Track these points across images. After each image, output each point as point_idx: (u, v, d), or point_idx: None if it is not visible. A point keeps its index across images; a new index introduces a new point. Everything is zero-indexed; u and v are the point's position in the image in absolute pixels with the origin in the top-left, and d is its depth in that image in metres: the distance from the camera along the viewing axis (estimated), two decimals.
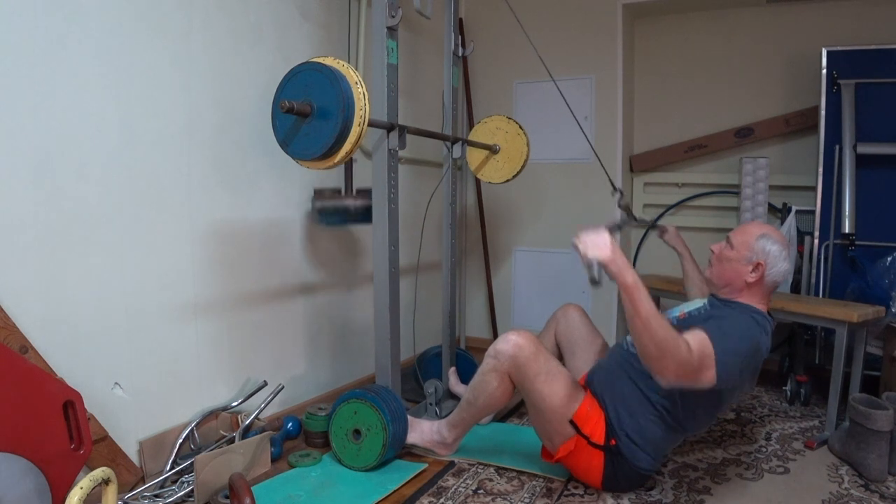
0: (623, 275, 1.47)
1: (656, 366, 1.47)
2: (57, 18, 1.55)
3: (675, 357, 1.44)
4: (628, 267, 1.48)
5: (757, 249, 1.71)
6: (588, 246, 1.49)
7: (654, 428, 1.71)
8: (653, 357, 1.46)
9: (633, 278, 1.46)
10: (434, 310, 3.06)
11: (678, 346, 1.45)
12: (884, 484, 1.84)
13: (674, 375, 1.47)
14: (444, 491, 1.79)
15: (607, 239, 1.49)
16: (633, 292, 1.46)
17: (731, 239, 1.79)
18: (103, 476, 1.22)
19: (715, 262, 1.82)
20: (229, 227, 2.09)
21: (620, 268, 1.47)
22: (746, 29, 3.10)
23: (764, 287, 1.74)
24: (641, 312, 1.45)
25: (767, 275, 1.71)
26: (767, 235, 1.73)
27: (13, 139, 1.48)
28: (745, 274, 1.72)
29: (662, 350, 1.44)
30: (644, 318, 1.44)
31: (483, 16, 3.40)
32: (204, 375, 2.01)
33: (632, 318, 1.47)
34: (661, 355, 1.45)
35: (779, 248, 1.72)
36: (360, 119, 1.61)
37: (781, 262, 1.72)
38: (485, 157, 2.56)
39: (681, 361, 1.45)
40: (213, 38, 1.98)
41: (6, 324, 1.46)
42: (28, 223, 1.52)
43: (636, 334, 1.47)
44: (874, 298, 2.34)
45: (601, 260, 1.47)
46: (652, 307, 1.46)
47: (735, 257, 1.75)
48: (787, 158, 3.05)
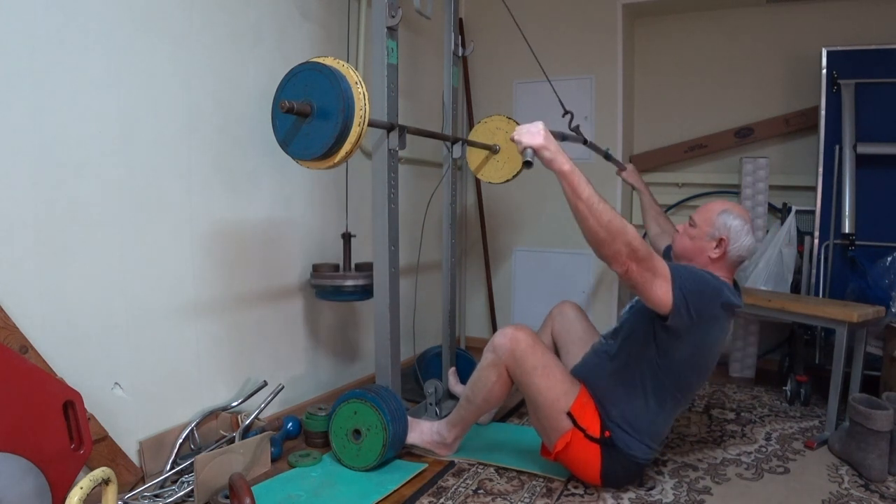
0: (557, 160, 1.52)
1: (608, 250, 1.52)
2: (57, 18, 1.55)
3: (625, 239, 1.49)
4: (562, 153, 1.53)
5: (718, 225, 1.75)
6: (523, 134, 1.55)
7: (640, 412, 1.72)
8: (604, 241, 1.51)
9: (569, 164, 1.51)
10: (434, 310, 3.06)
11: (626, 227, 1.50)
12: (884, 484, 1.84)
13: (626, 259, 1.51)
14: (444, 491, 1.79)
15: (540, 127, 1.55)
16: (570, 177, 1.50)
17: (693, 217, 1.83)
18: (103, 476, 1.22)
19: (677, 238, 1.87)
20: (229, 227, 2.09)
21: (553, 153, 1.53)
22: (746, 29, 3.11)
23: (727, 261, 1.77)
24: (583, 196, 1.49)
25: (730, 250, 1.75)
26: (728, 211, 1.77)
27: (13, 139, 1.48)
28: (709, 250, 1.76)
29: (611, 232, 1.49)
30: (587, 200, 1.48)
31: (483, 16, 3.40)
32: (204, 375, 2.01)
33: (575, 204, 1.51)
34: (612, 238, 1.49)
35: (740, 223, 1.75)
36: (360, 119, 1.61)
37: (744, 237, 1.75)
38: (485, 157, 2.56)
39: (631, 244, 1.50)
40: (213, 37, 1.98)
41: (6, 324, 1.46)
42: (28, 223, 1.52)
43: (582, 221, 1.52)
44: (874, 298, 2.34)
45: (534, 146, 1.53)
46: (592, 189, 1.50)
47: (697, 235, 1.79)
48: (787, 158, 3.06)
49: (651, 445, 1.76)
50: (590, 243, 1.55)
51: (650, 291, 1.56)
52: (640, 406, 1.73)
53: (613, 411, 1.74)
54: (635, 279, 1.55)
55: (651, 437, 1.76)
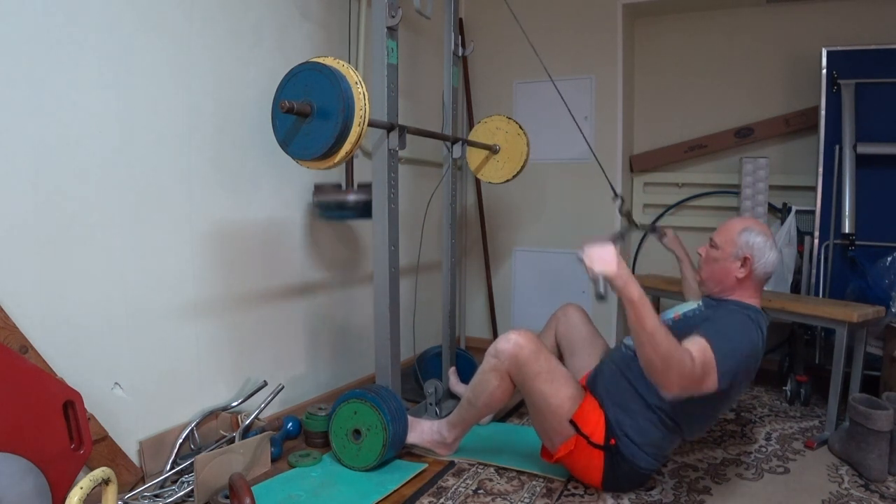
0: (629, 289, 1.44)
1: (661, 379, 1.46)
2: (57, 18, 1.55)
3: (680, 370, 1.44)
4: (633, 281, 1.46)
5: (741, 244, 1.71)
6: (594, 260, 1.47)
7: (653, 429, 1.71)
8: (658, 371, 1.45)
9: (639, 292, 1.45)
10: (434, 310, 3.06)
11: (682, 358, 1.44)
12: (884, 484, 1.84)
13: (678, 388, 1.46)
14: (444, 491, 1.79)
15: (613, 253, 1.47)
16: (639, 307, 1.44)
17: (714, 239, 1.79)
18: (103, 476, 1.21)
19: (703, 265, 1.82)
20: (229, 227, 2.09)
21: (626, 282, 1.45)
22: (746, 29, 3.10)
23: (755, 280, 1.74)
24: (647, 327, 1.43)
25: (756, 267, 1.71)
26: (750, 229, 1.73)
27: (13, 139, 1.48)
28: (735, 270, 1.72)
29: (667, 363, 1.43)
30: (649, 332, 1.43)
31: (483, 16, 3.40)
32: (204, 375, 2.01)
33: (637, 333, 1.45)
34: (666, 369, 1.44)
35: (763, 239, 1.71)
36: (360, 119, 1.61)
37: (769, 252, 1.71)
38: (485, 157, 2.56)
39: (685, 374, 1.44)
40: (213, 38, 1.98)
41: (6, 324, 1.46)
42: (28, 223, 1.52)
43: (641, 348, 1.46)
44: (874, 298, 2.34)
45: (607, 275, 1.45)
46: (657, 320, 1.44)
47: (721, 256, 1.75)
48: (787, 158, 3.06)
49: (657, 458, 1.76)
50: (644, 367, 1.50)
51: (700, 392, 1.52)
52: (657, 424, 1.71)
53: (627, 423, 1.72)
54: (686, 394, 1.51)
55: (659, 450, 1.75)
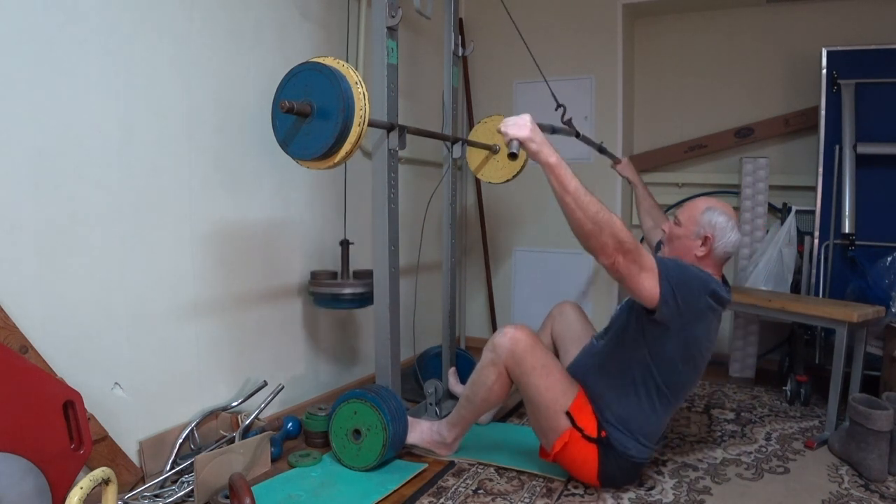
0: (544, 152, 1.52)
1: (595, 242, 1.52)
2: (57, 18, 1.55)
3: (611, 230, 1.49)
4: (549, 145, 1.53)
5: (703, 223, 1.76)
6: (509, 126, 1.55)
7: (634, 410, 1.73)
8: (590, 233, 1.51)
9: (556, 157, 1.51)
10: (434, 310, 3.06)
11: (613, 220, 1.50)
12: (884, 484, 1.84)
13: (612, 252, 1.51)
14: (444, 491, 1.79)
15: (528, 119, 1.55)
16: (557, 169, 1.50)
17: (678, 216, 1.84)
18: (103, 476, 1.22)
19: (666, 242, 1.87)
20: (230, 228, 2.09)
21: (540, 145, 1.53)
22: (746, 29, 3.10)
23: (714, 259, 1.78)
24: (570, 188, 1.49)
25: (716, 247, 1.76)
26: (713, 208, 1.78)
27: (13, 139, 1.48)
28: (695, 248, 1.77)
29: (598, 224, 1.49)
30: (573, 192, 1.49)
31: (483, 16, 3.40)
32: (204, 375, 2.01)
33: (562, 196, 1.51)
34: (599, 230, 1.49)
35: (725, 219, 1.76)
36: (360, 119, 1.61)
37: (729, 233, 1.76)
38: (485, 157, 2.56)
39: (618, 236, 1.50)
40: (213, 37, 1.98)
41: (6, 324, 1.46)
42: (28, 223, 1.52)
43: (569, 213, 1.51)
44: (874, 298, 2.34)
45: (520, 137, 1.53)
46: (578, 182, 1.50)
47: (683, 234, 1.80)
48: (787, 158, 3.06)
49: (647, 444, 1.76)
50: (577, 235, 1.56)
51: (637, 284, 1.57)
52: (633, 404, 1.73)
53: (607, 411, 1.74)
54: (622, 271, 1.55)
55: (646, 436, 1.75)
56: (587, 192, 1.51)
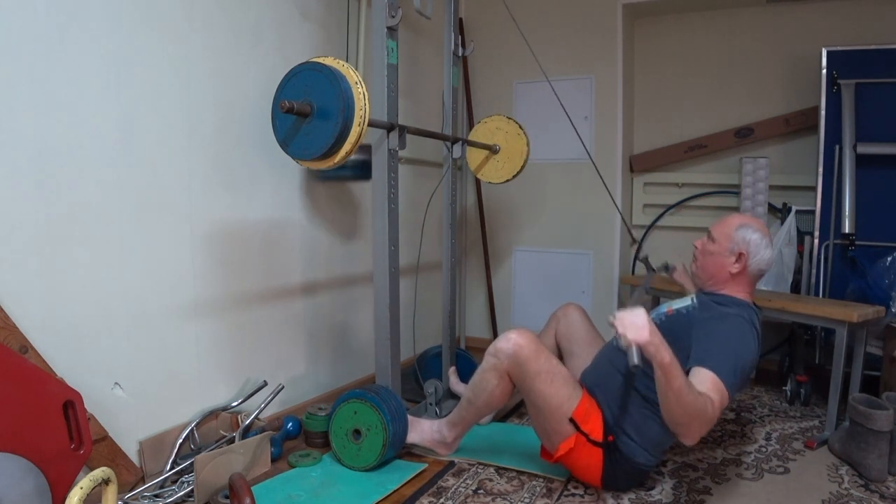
0: (661, 354, 1.44)
1: (683, 431, 1.48)
2: (57, 18, 1.55)
3: (701, 420, 1.46)
4: (665, 345, 1.46)
5: (738, 240, 1.74)
6: (627, 328, 1.45)
7: (650, 423, 1.71)
8: (681, 424, 1.47)
9: (670, 356, 1.45)
10: (434, 310, 3.06)
11: (705, 408, 1.45)
12: (884, 484, 1.84)
13: (699, 435, 1.49)
14: (444, 491, 1.79)
15: (645, 319, 1.46)
16: (669, 369, 1.44)
17: (712, 232, 1.81)
18: (103, 476, 1.22)
19: (699, 257, 1.84)
20: (229, 227, 2.09)
21: (658, 347, 1.44)
22: (746, 29, 3.10)
23: (748, 276, 1.76)
24: (674, 387, 1.43)
25: (750, 264, 1.73)
26: (747, 225, 1.75)
27: (13, 139, 1.48)
28: (729, 265, 1.75)
29: (690, 417, 1.45)
30: (676, 391, 1.43)
31: (483, 16, 3.40)
32: (204, 375, 2.01)
33: (664, 392, 1.46)
34: (689, 422, 1.46)
35: (759, 237, 1.74)
36: (360, 119, 1.61)
37: (763, 250, 1.74)
38: (485, 157, 2.56)
39: (706, 421, 1.47)
40: (213, 37, 1.98)
41: (6, 324, 1.46)
42: (28, 223, 1.52)
43: (666, 404, 1.47)
44: (874, 298, 2.34)
45: (640, 342, 1.44)
46: (683, 379, 1.45)
47: (717, 250, 1.77)
48: (787, 158, 3.06)
49: (654, 454, 1.76)
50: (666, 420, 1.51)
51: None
52: (652, 418, 1.71)
53: (623, 419, 1.73)
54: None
55: (656, 446, 1.75)
56: (687, 388, 1.45)
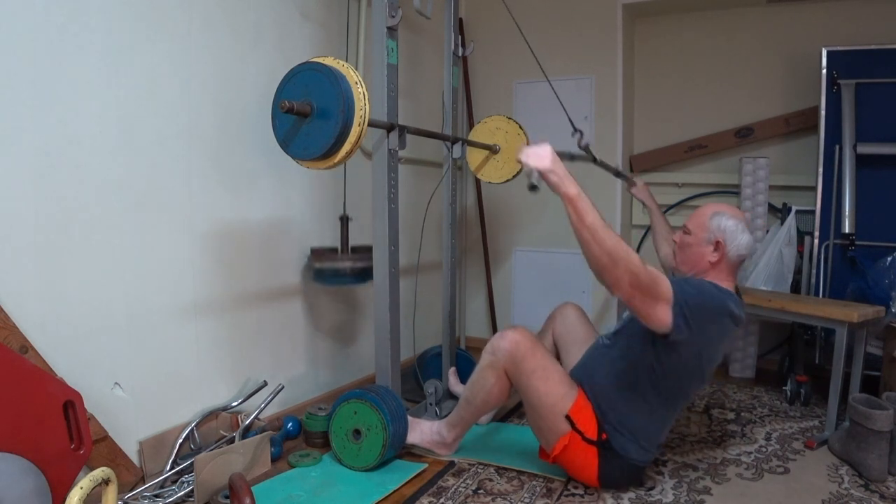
0: (565, 184, 1.50)
1: (610, 276, 1.50)
2: (57, 18, 1.55)
3: (628, 266, 1.48)
4: (570, 178, 1.51)
5: (713, 228, 1.76)
6: (530, 156, 1.53)
7: (636, 415, 1.72)
8: (606, 267, 1.49)
9: (576, 189, 1.49)
10: (434, 310, 3.06)
11: (630, 254, 1.48)
12: (884, 484, 1.84)
13: (628, 286, 1.49)
14: (444, 491, 1.79)
15: (548, 150, 1.53)
16: (576, 202, 1.48)
17: (686, 225, 1.84)
18: (103, 476, 1.22)
19: (678, 251, 1.86)
20: (229, 227, 2.09)
21: (561, 177, 1.50)
22: (746, 29, 3.10)
23: (728, 263, 1.77)
24: (587, 221, 1.47)
25: (729, 250, 1.75)
26: (721, 213, 1.77)
27: (13, 139, 1.48)
28: (708, 254, 1.77)
29: (614, 258, 1.47)
30: (590, 226, 1.47)
31: (483, 16, 3.40)
32: (204, 375, 2.01)
33: (579, 230, 1.49)
34: (614, 264, 1.48)
35: (734, 223, 1.75)
36: (360, 119, 1.61)
37: (740, 235, 1.75)
38: (485, 157, 2.56)
39: (634, 271, 1.48)
40: (213, 37, 1.98)
41: (6, 324, 1.46)
42: (28, 223, 1.52)
43: (585, 246, 1.50)
44: (874, 298, 2.34)
45: (541, 169, 1.51)
46: (598, 216, 1.48)
47: (694, 241, 1.80)
48: (787, 158, 3.06)
49: (647, 448, 1.76)
50: (592, 268, 1.53)
51: (649, 316, 1.55)
52: (636, 408, 1.73)
53: (610, 413, 1.74)
54: (636, 305, 1.54)
55: (647, 440, 1.75)
56: (605, 227, 1.48)
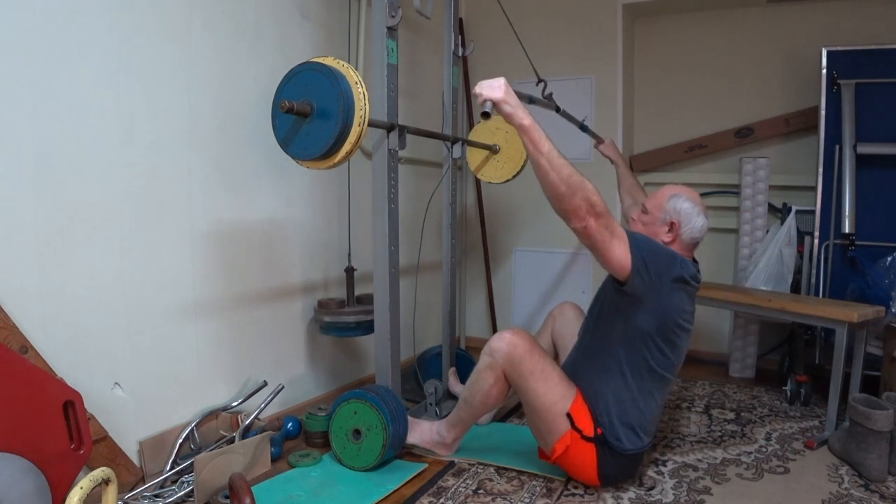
0: (518, 114, 1.53)
1: (567, 205, 1.54)
2: (57, 18, 1.55)
3: (584, 194, 1.52)
4: (522, 108, 1.54)
5: (669, 209, 1.81)
6: (483, 88, 1.55)
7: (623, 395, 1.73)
8: (563, 196, 1.53)
9: (529, 119, 1.53)
10: (434, 310, 3.06)
11: (585, 183, 1.53)
12: (884, 484, 1.84)
13: (585, 214, 1.53)
14: (444, 491, 1.79)
15: (502, 81, 1.55)
16: (531, 132, 1.52)
17: (644, 204, 1.88)
18: (103, 476, 1.22)
19: (632, 226, 1.90)
20: (229, 227, 2.09)
21: (514, 107, 1.54)
22: (746, 29, 3.10)
23: (682, 244, 1.82)
24: (543, 150, 1.51)
25: (682, 232, 1.80)
26: (678, 195, 1.82)
27: (13, 139, 1.48)
28: (661, 234, 1.82)
29: (571, 186, 1.51)
30: (547, 154, 1.51)
31: (483, 16, 3.40)
32: (204, 375, 2.01)
33: (536, 159, 1.53)
34: (571, 192, 1.52)
35: (690, 205, 1.80)
36: (360, 119, 1.61)
37: (696, 218, 1.80)
38: (485, 157, 2.56)
39: (590, 200, 1.52)
40: (213, 37, 1.98)
41: (6, 324, 1.46)
42: (28, 223, 1.52)
43: (543, 175, 1.54)
44: (874, 298, 2.34)
45: (494, 99, 1.53)
46: (552, 144, 1.52)
47: (650, 220, 1.84)
48: (787, 158, 3.06)
49: (640, 434, 1.75)
50: (549, 198, 1.58)
51: (609, 251, 1.59)
52: (617, 389, 1.73)
53: (599, 399, 1.74)
54: (594, 235, 1.57)
55: (637, 424, 1.74)
56: (560, 156, 1.53)
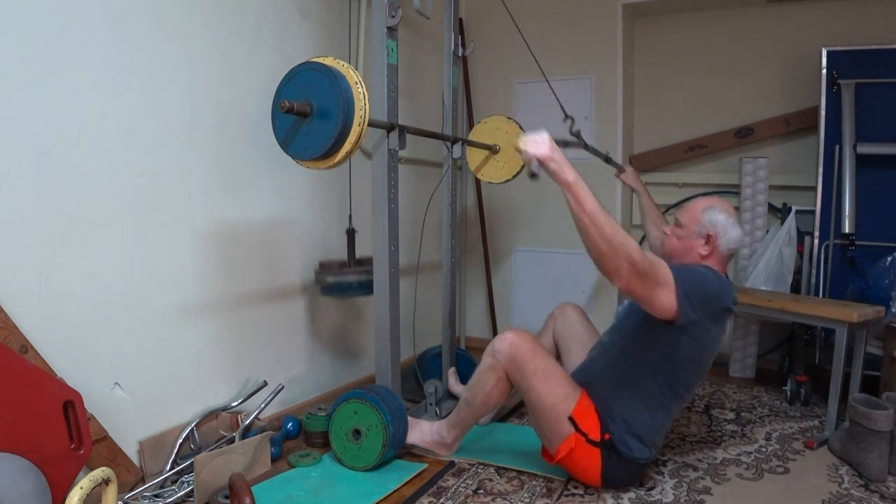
0: (563, 171, 1.51)
1: (609, 264, 1.51)
2: (57, 18, 1.55)
3: (627, 254, 1.48)
4: (567, 164, 1.52)
5: (704, 222, 1.78)
6: (528, 143, 1.54)
7: (640, 412, 1.73)
8: (605, 255, 1.50)
9: (574, 175, 1.51)
10: (434, 310, 3.06)
11: (629, 242, 1.49)
12: (884, 484, 1.84)
13: (627, 274, 1.50)
14: (444, 491, 1.79)
15: (546, 137, 1.54)
16: (575, 189, 1.50)
17: (678, 218, 1.86)
18: (103, 476, 1.22)
19: (668, 243, 1.88)
20: (230, 227, 2.09)
21: (560, 164, 1.52)
22: (746, 29, 3.10)
23: (718, 256, 1.79)
24: (587, 208, 1.48)
25: (720, 244, 1.78)
26: (712, 207, 1.80)
27: (13, 139, 1.48)
28: (698, 247, 1.79)
29: (613, 245, 1.48)
30: (590, 212, 1.48)
31: (483, 16, 3.40)
32: (204, 375, 2.01)
33: (578, 217, 1.50)
34: (613, 252, 1.49)
35: (725, 217, 1.78)
36: (360, 119, 1.61)
37: (731, 230, 1.78)
38: (485, 157, 2.56)
39: (633, 259, 1.49)
40: (213, 37, 1.98)
41: (6, 324, 1.46)
42: (28, 223, 1.52)
43: (585, 233, 1.51)
44: (874, 298, 2.34)
45: (540, 156, 1.52)
46: (597, 203, 1.49)
47: (685, 234, 1.82)
48: (787, 158, 3.06)
49: (650, 446, 1.76)
50: (591, 256, 1.54)
51: (653, 302, 1.56)
52: (641, 406, 1.73)
53: (614, 411, 1.74)
54: (635, 292, 1.55)
55: (650, 437, 1.76)
56: (604, 213, 1.49)
